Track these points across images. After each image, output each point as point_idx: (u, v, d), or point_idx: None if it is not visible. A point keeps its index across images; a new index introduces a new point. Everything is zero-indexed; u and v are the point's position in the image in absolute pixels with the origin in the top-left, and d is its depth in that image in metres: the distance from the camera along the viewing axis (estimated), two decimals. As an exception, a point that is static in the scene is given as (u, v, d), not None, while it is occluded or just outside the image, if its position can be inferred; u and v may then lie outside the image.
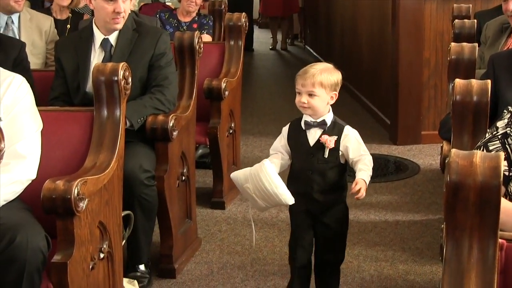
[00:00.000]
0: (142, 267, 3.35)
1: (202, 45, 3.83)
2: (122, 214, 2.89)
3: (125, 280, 3.00)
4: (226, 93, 4.22)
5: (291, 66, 9.49)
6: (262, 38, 11.37)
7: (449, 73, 3.40)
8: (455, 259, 1.81)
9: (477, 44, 3.47)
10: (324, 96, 2.82)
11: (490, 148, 2.40)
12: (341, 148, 2.84)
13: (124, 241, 2.95)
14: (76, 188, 2.42)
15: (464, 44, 3.40)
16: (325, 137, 2.83)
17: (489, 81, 2.79)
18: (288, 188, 2.79)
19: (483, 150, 2.35)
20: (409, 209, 4.29)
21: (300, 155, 2.89)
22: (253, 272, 3.50)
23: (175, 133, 3.36)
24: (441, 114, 5.35)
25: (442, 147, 3.22)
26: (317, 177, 2.85)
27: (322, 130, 2.85)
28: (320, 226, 2.92)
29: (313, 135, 2.86)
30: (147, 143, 3.36)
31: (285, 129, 2.95)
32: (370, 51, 6.73)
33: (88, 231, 2.54)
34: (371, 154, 2.90)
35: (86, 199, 2.48)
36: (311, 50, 9.92)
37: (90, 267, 2.57)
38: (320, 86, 2.80)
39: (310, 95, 2.81)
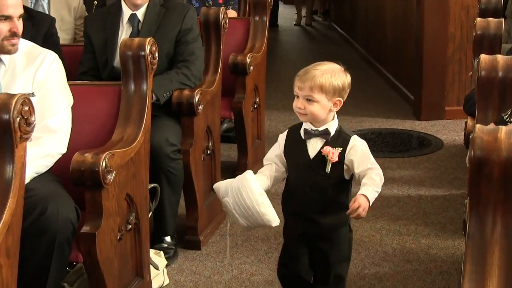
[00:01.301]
0: (168, 238, 3.41)
1: (227, 21, 3.84)
2: (149, 187, 2.94)
3: (151, 251, 3.05)
4: (251, 68, 4.23)
5: (315, 42, 9.45)
6: (286, 14, 11.30)
7: (474, 49, 3.39)
8: (478, 234, 1.82)
9: (503, 19, 3.45)
10: (324, 103, 2.40)
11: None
12: (346, 162, 2.41)
13: (150, 213, 3.00)
14: (104, 161, 2.47)
15: (490, 19, 3.37)
16: (328, 149, 2.40)
17: (515, 57, 2.77)
18: (283, 208, 2.45)
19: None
20: (432, 184, 4.29)
21: (298, 169, 2.46)
22: (276, 244, 3.54)
23: (200, 108, 3.40)
24: (465, 89, 5.31)
25: (466, 122, 3.21)
26: (316, 194, 2.43)
27: (325, 140, 2.43)
28: (318, 252, 2.50)
29: (313, 146, 2.44)
30: (173, 117, 3.40)
31: (282, 137, 2.53)
32: (394, 25, 6.68)
33: (116, 203, 2.60)
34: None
35: (114, 172, 2.52)
36: (336, 26, 9.86)
37: (118, 238, 2.63)
38: (320, 91, 2.38)
39: (308, 100, 2.40)
